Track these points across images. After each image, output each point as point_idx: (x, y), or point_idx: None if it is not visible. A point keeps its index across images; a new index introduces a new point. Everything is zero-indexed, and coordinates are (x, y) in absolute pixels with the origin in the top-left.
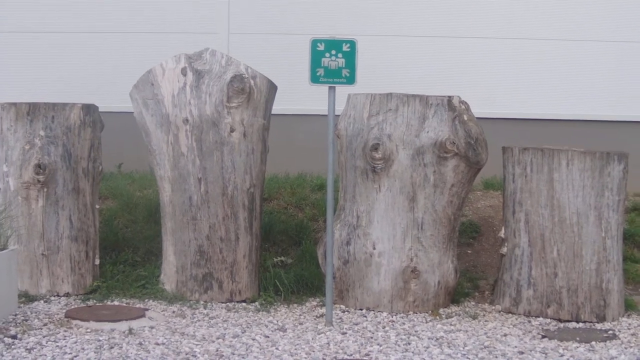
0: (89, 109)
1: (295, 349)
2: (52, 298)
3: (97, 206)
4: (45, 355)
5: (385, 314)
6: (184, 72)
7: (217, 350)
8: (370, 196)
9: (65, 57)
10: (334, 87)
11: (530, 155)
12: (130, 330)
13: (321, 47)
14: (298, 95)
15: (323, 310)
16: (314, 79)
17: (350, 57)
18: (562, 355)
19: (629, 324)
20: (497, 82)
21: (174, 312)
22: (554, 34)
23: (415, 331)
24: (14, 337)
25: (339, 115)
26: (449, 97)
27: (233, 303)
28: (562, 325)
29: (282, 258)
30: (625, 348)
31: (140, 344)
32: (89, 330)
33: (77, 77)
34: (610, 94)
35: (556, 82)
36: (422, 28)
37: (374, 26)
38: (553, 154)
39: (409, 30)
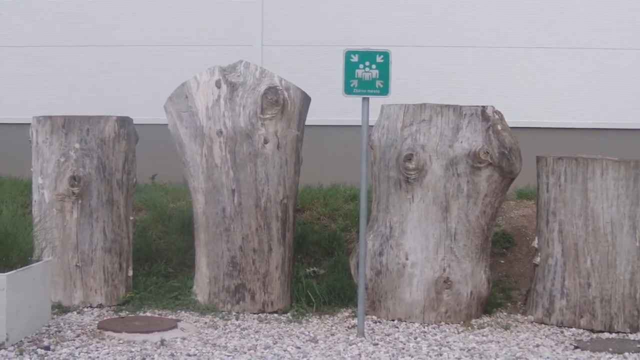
0: (123, 122)
1: None
2: (85, 309)
3: (131, 218)
4: None
5: (417, 324)
6: (218, 84)
7: None
8: (404, 206)
9: (101, 70)
10: (368, 98)
11: (564, 165)
12: (163, 342)
13: (355, 59)
14: (332, 106)
15: (355, 321)
16: (348, 90)
17: (384, 68)
18: None
19: None
20: (531, 92)
21: (206, 323)
22: (587, 42)
23: (447, 342)
24: (47, 348)
25: (372, 126)
26: (483, 107)
27: (265, 314)
28: (595, 335)
29: (315, 269)
30: None
31: (172, 355)
32: (121, 341)
33: (112, 89)
34: None
35: (592, 91)
36: (454, 38)
37: (407, 36)
38: (587, 163)
39: (441, 41)
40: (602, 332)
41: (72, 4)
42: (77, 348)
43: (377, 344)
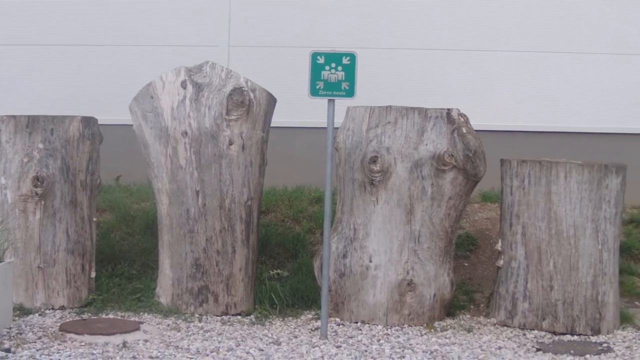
0: (88, 122)
1: None
2: (47, 311)
3: (95, 219)
4: None
5: (380, 327)
6: (183, 85)
7: None
8: (368, 209)
9: (66, 69)
10: (334, 100)
11: (528, 168)
12: (125, 344)
13: (321, 60)
14: (297, 108)
15: (318, 323)
16: (314, 91)
17: (350, 70)
18: None
19: (624, 337)
20: (496, 95)
21: (168, 325)
22: (553, 46)
23: (410, 344)
24: (7, 350)
25: (338, 128)
26: (448, 109)
27: (228, 316)
28: (557, 338)
29: (279, 271)
30: None
31: (134, 357)
32: (83, 343)
33: (77, 89)
34: (609, 107)
35: (554, 95)
36: (422, 41)
37: (373, 39)
38: (551, 166)
39: (409, 43)
40: (564, 334)
41: (38, 4)
42: (38, 350)
43: (340, 346)
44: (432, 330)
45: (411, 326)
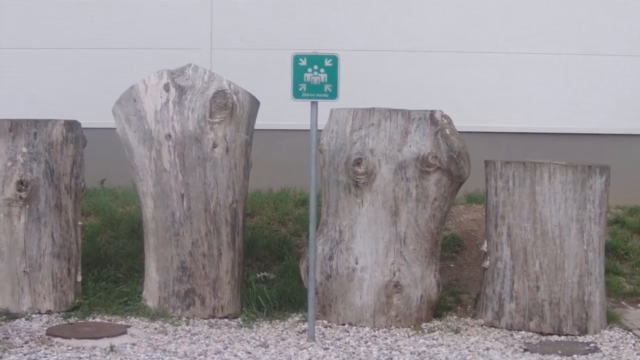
0: (71, 125)
1: None
2: (34, 315)
3: (80, 223)
4: None
5: (367, 329)
6: (166, 88)
7: None
8: (353, 211)
9: (48, 73)
10: (317, 102)
11: (512, 169)
12: (112, 348)
13: (303, 63)
14: (280, 111)
15: (305, 325)
16: (297, 94)
17: (333, 72)
18: None
19: (611, 337)
20: (480, 96)
21: (156, 328)
22: (536, 47)
23: (398, 346)
24: None
25: (321, 130)
26: (432, 111)
27: (215, 319)
28: (544, 338)
29: (265, 274)
30: None
31: None
32: (70, 347)
33: (60, 93)
34: (593, 108)
35: (539, 96)
36: (405, 43)
37: (356, 41)
38: (535, 167)
39: (391, 45)
40: (551, 334)
41: (20, 6)
42: (25, 355)
43: (328, 349)
44: (420, 331)
45: (398, 328)
